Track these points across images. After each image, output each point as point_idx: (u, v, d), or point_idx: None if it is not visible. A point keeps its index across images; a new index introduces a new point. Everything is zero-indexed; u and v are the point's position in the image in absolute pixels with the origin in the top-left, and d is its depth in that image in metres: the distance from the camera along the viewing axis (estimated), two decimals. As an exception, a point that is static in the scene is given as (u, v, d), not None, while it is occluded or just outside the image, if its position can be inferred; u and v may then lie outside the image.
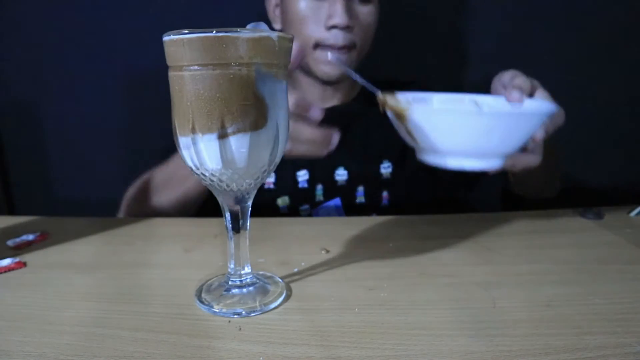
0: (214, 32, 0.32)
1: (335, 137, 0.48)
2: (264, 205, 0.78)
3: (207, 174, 0.36)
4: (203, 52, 0.33)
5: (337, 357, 0.32)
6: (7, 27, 0.99)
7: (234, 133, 0.34)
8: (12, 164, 1.09)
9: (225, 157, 0.35)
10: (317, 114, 0.48)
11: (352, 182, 0.81)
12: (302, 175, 0.79)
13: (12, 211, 1.11)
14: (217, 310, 0.38)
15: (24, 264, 0.48)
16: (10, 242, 0.53)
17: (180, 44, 0.33)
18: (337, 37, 0.73)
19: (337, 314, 0.37)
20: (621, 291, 0.41)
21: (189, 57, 0.33)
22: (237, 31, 0.32)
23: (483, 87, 0.58)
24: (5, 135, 1.07)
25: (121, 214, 0.75)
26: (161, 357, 0.32)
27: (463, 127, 0.43)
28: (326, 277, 0.45)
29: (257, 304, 0.38)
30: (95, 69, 1.01)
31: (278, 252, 0.51)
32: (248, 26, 0.35)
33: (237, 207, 0.39)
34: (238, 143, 0.34)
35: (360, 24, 0.74)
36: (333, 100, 0.84)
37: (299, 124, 0.47)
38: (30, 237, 0.55)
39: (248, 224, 0.40)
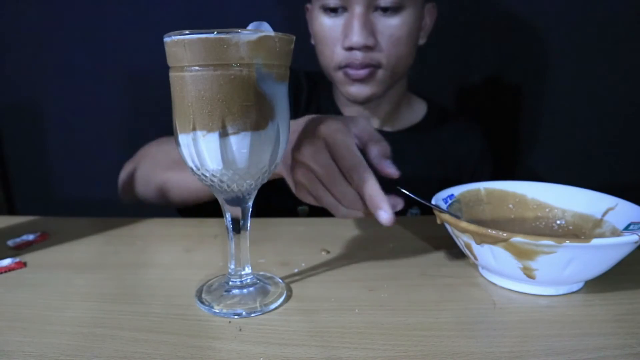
0: (215, 32, 0.32)
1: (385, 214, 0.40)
2: (285, 208, 0.75)
3: (207, 175, 0.36)
4: (204, 53, 0.33)
5: (338, 358, 0.32)
6: (7, 27, 0.99)
7: (234, 133, 0.34)
8: (12, 164, 1.09)
9: (226, 158, 0.35)
10: (392, 169, 0.43)
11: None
12: None
13: (12, 211, 1.11)
14: (218, 311, 0.38)
15: (24, 264, 0.47)
16: (10, 242, 0.53)
17: (181, 45, 0.33)
18: (356, 58, 0.65)
19: (337, 314, 0.37)
20: (621, 292, 0.41)
21: (189, 57, 0.33)
22: (238, 32, 0.32)
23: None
24: (5, 135, 1.07)
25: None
26: (161, 358, 0.32)
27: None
28: (326, 277, 0.45)
29: (258, 304, 0.38)
30: (96, 69, 1.01)
31: (278, 253, 0.51)
32: (250, 25, 0.35)
33: (238, 208, 0.39)
34: (239, 144, 0.34)
35: (386, 40, 0.65)
36: (372, 123, 0.78)
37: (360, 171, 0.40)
38: (30, 237, 0.55)
39: (248, 224, 0.40)
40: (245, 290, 0.40)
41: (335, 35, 0.66)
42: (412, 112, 0.81)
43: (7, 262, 0.47)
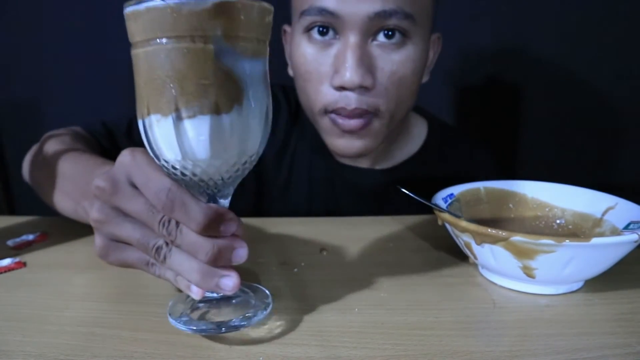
0: (164, 0, 0.28)
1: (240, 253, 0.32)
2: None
3: (168, 166, 0.32)
4: (153, 25, 0.28)
5: (337, 357, 0.32)
6: (7, 27, 0.99)
7: (190, 117, 0.29)
8: (12, 164, 1.09)
9: (183, 146, 0.30)
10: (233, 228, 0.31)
11: None
12: None
13: (12, 211, 1.11)
14: (194, 328, 0.34)
15: (24, 264, 0.47)
16: (10, 242, 0.53)
17: (131, 18, 0.29)
18: (348, 101, 0.52)
19: (337, 314, 0.37)
20: (621, 292, 0.41)
21: (140, 31, 0.29)
22: None
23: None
24: (5, 135, 1.07)
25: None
26: (161, 357, 0.32)
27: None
28: (326, 277, 0.44)
29: (238, 316, 0.35)
30: (96, 69, 1.01)
31: (278, 252, 0.51)
32: None
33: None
34: (196, 129, 0.30)
35: (387, 80, 0.52)
36: (363, 161, 0.67)
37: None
38: (30, 237, 0.55)
39: None
40: (221, 303, 0.36)
41: (323, 69, 0.53)
42: (410, 140, 0.69)
43: (7, 262, 0.47)
